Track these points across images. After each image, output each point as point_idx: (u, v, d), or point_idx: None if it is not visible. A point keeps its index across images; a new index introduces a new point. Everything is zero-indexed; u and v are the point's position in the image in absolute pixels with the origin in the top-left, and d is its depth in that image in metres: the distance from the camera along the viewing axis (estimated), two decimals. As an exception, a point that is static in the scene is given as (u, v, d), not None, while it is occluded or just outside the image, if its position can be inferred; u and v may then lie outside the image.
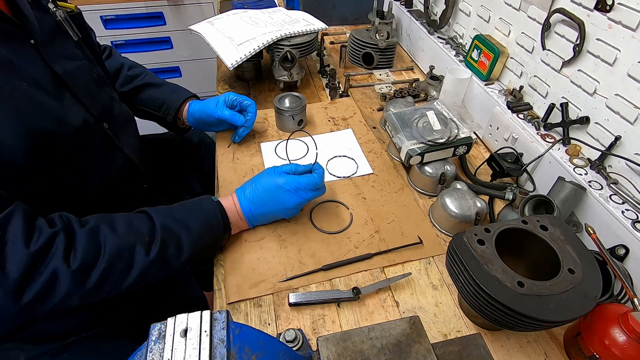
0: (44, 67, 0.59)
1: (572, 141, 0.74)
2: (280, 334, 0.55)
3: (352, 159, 0.88)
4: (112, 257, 0.52)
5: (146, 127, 0.97)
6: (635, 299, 0.52)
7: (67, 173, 0.61)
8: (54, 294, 0.49)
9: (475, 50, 0.95)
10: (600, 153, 0.68)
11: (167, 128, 0.95)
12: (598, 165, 0.68)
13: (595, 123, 0.69)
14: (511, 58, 0.89)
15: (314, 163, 0.72)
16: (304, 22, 1.07)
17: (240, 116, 0.84)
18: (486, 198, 0.79)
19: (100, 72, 0.75)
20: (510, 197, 0.73)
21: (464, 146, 0.80)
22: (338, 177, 0.83)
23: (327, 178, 0.83)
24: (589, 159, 0.71)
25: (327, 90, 1.12)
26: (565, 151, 0.73)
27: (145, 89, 0.90)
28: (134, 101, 0.90)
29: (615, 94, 0.65)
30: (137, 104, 0.90)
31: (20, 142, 0.51)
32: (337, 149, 0.91)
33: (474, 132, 0.89)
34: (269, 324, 0.59)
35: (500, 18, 0.91)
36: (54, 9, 0.65)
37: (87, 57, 0.71)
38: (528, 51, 0.83)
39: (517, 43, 0.86)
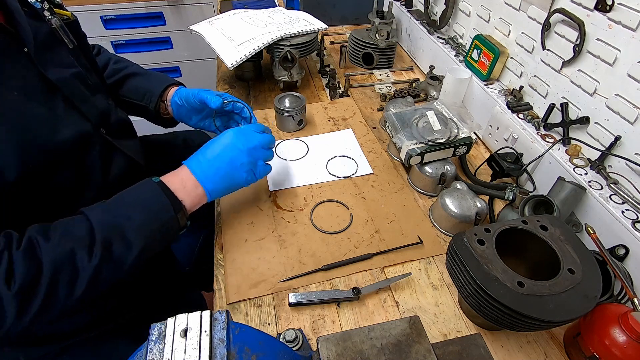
0: (37, 75, 0.58)
1: (572, 141, 0.74)
2: (280, 334, 0.55)
3: (352, 159, 0.88)
4: (53, 269, 0.49)
5: (145, 129, 0.97)
6: (635, 299, 0.52)
7: (64, 181, 0.60)
8: (4, 320, 0.47)
9: (475, 50, 0.95)
10: (600, 153, 0.68)
11: (151, 119, 0.90)
12: (598, 165, 0.68)
13: (595, 123, 0.69)
14: (511, 58, 0.89)
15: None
16: (304, 22, 1.07)
17: (216, 98, 0.75)
18: (486, 198, 0.79)
19: (96, 80, 0.73)
20: (510, 197, 0.73)
21: (464, 146, 0.80)
22: (338, 177, 0.83)
23: (327, 178, 0.83)
24: (589, 159, 0.71)
25: (327, 90, 1.12)
26: (565, 151, 0.73)
27: (128, 79, 0.87)
28: (118, 93, 0.87)
29: (615, 94, 0.65)
30: (121, 96, 0.87)
31: (11, 157, 0.50)
32: (337, 149, 0.91)
33: (474, 132, 0.89)
34: (269, 324, 0.59)
35: (500, 18, 0.91)
36: (50, 17, 0.64)
37: (83, 64, 0.70)
38: (528, 51, 0.83)
39: (517, 43, 0.86)
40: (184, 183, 0.62)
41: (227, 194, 0.67)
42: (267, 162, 0.70)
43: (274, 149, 0.70)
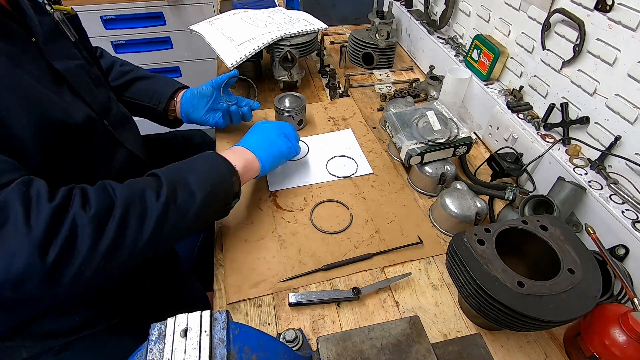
0: (45, 64, 0.60)
1: (572, 141, 0.74)
2: (280, 334, 0.55)
3: (352, 158, 0.88)
4: (124, 203, 0.51)
5: (147, 127, 0.97)
6: (635, 299, 0.52)
7: (74, 166, 0.61)
8: (77, 247, 0.47)
9: (475, 50, 0.95)
10: (600, 153, 0.68)
11: (157, 120, 0.93)
12: (598, 165, 0.68)
13: (595, 123, 0.69)
14: (511, 58, 0.89)
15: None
16: (304, 22, 1.07)
17: (231, 72, 0.86)
18: (486, 198, 0.79)
19: (97, 73, 0.75)
20: (510, 197, 0.73)
21: (464, 146, 0.80)
22: (338, 177, 0.83)
23: (327, 178, 0.83)
24: (589, 159, 0.71)
25: (327, 90, 1.12)
26: (565, 151, 0.73)
27: (136, 81, 0.90)
28: (124, 94, 0.89)
29: (615, 94, 0.65)
30: (128, 97, 0.89)
31: (30, 132, 0.52)
32: (336, 149, 0.91)
33: (474, 132, 0.89)
34: (269, 324, 0.59)
35: (500, 18, 0.91)
36: (52, 11, 0.66)
37: (85, 57, 0.72)
38: (528, 51, 0.83)
39: (517, 43, 0.86)
40: (237, 151, 0.69)
41: (277, 164, 0.76)
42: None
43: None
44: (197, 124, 0.90)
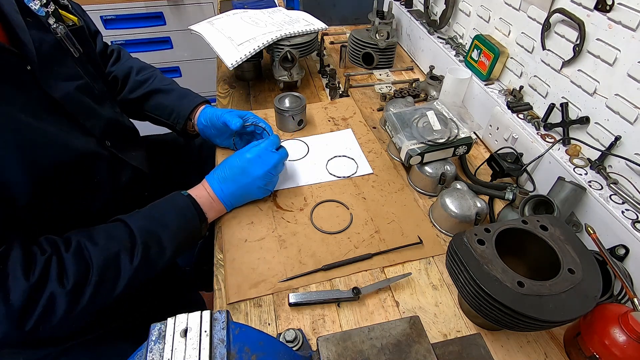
0: (40, 93, 0.57)
1: (572, 141, 0.74)
2: (280, 334, 0.55)
3: (352, 159, 0.88)
4: (100, 270, 0.54)
5: (148, 128, 0.97)
6: (635, 299, 0.52)
7: (73, 194, 0.61)
8: (53, 316, 0.51)
9: (475, 50, 0.95)
10: (600, 153, 0.68)
11: (177, 134, 0.92)
12: (598, 165, 0.68)
13: (595, 123, 0.69)
14: (511, 58, 0.89)
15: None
16: (304, 22, 1.07)
17: (237, 119, 0.79)
18: (486, 198, 0.79)
19: (102, 87, 0.73)
20: (510, 197, 0.73)
21: (464, 146, 0.80)
22: (338, 177, 0.83)
23: (327, 178, 0.83)
24: (589, 159, 0.71)
25: (327, 90, 1.12)
26: (565, 151, 0.73)
27: (153, 95, 0.88)
28: (143, 108, 0.88)
29: (615, 94, 0.65)
30: (147, 111, 0.89)
31: (24, 178, 0.51)
32: (336, 149, 0.91)
33: (474, 132, 0.89)
34: (269, 324, 0.59)
35: (500, 18, 0.91)
36: (55, 26, 0.62)
37: (89, 73, 0.69)
38: (528, 51, 0.83)
39: (517, 43, 0.86)
40: (209, 198, 0.69)
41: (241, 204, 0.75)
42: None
43: (278, 147, 0.75)
44: None
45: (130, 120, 0.84)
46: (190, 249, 0.67)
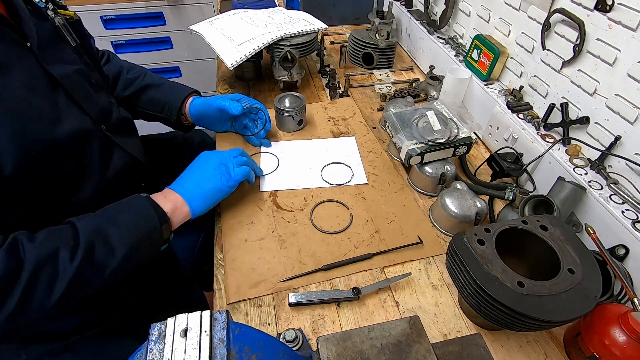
0: (39, 70, 0.58)
1: (572, 141, 0.74)
2: (280, 334, 0.55)
3: (349, 166, 0.86)
4: (33, 266, 0.49)
5: (146, 127, 0.97)
6: (635, 299, 0.52)
7: (61, 175, 0.60)
8: None
9: (475, 50, 0.95)
10: (600, 153, 0.68)
11: (172, 127, 0.94)
12: (598, 165, 0.68)
13: (595, 123, 0.69)
14: (511, 58, 0.89)
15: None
16: (304, 22, 1.07)
17: (236, 104, 0.81)
18: (486, 198, 0.79)
19: (98, 78, 0.74)
20: (510, 197, 0.73)
21: (464, 146, 0.80)
22: (331, 184, 0.81)
23: (321, 184, 0.82)
24: (589, 159, 0.71)
25: (327, 90, 1.12)
26: (565, 151, 0.73)
27: (145, 90, 0.90)
28: (136, 104, 0.89)
29: (615, 94, 0.65)
30: (140, 107, 0.90)
31: (10, 147, 0.50)
32: (335, 156, 0.89)
33: (474, 132, 0.89)
34: (269, 324, 0.59)
35: (500, 18, 0.91)
36: (53, 15, 0.65)
37: (85, 62, 0.71)
38: (528, 51, 0.83)
39: (517, 43, 0.86)
40: (169, 196, 0.65)
41: (213, 203, 0.69)
42: (246, 165, 0.74)
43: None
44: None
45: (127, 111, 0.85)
46: (151, 255, 0.61)
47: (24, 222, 0.56)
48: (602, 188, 0.65)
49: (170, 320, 0.36)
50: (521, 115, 0.83)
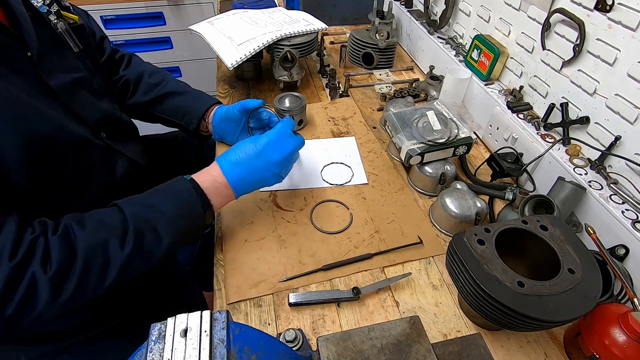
0: (38, 79, 0.58)
1: (572, 141, 0.74)
2: (280, 334, 0.55)
3: (349, 166, 0.86)
4: (86, 255, 0.51)
5: (147, 127, 0.97)
6: (635, 299, 0.52)
7: (68, 178, 0.60)
8: (36, 303, 0.48)
9: (475, 50, 0.95)
10: (600, 153, 0.68)
11: (189, 135, 0.92)
12: (598, 165, 0.68)
13: (595, 123, 0.69)
14: (511, 58, 0.89)
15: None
16: (304, 22, 1.07)
17: (257, 100, 0.81)
18: (486, 198, 0.79)
19: (101, 83, 0.74)
20: (510, 197, 0.73)
21: (464, 146, 0.80)
22: (331, 184, 0.82)
23: (321, 184, 0.82)
24: (589, 159, 0.71)
25: (327, 90, 1.12)
26: (565, 151, 0.73)
27: (167, 97, 0.88)
28: (155, 110, 0.89)
29: (615, 94, 0.65)
30: (159, 113, 0.89)
31: (18, 152, 0.51)
32: (335, 156, 0.89)
33: (474, 132, 0.89)
34: (269, 324, 0.59)
35: (500, 18, 0.91)
36: (55, 21, 0.64)
37: (88, 68, 0.71)
38: (528, 51, 0.83)
39: (517, 43, 0.86)
40: (216, 183, 0.63)
41: (252, 190, 0.68)
42: None
43: (295, 132, 0.71)
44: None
45: (131, 119, 0.85)
46: (194, 238, 0.62)
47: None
48: (602, 188, 0.65)
49: (170, 320, 0.36)
50: (521, 115, 0.83)
